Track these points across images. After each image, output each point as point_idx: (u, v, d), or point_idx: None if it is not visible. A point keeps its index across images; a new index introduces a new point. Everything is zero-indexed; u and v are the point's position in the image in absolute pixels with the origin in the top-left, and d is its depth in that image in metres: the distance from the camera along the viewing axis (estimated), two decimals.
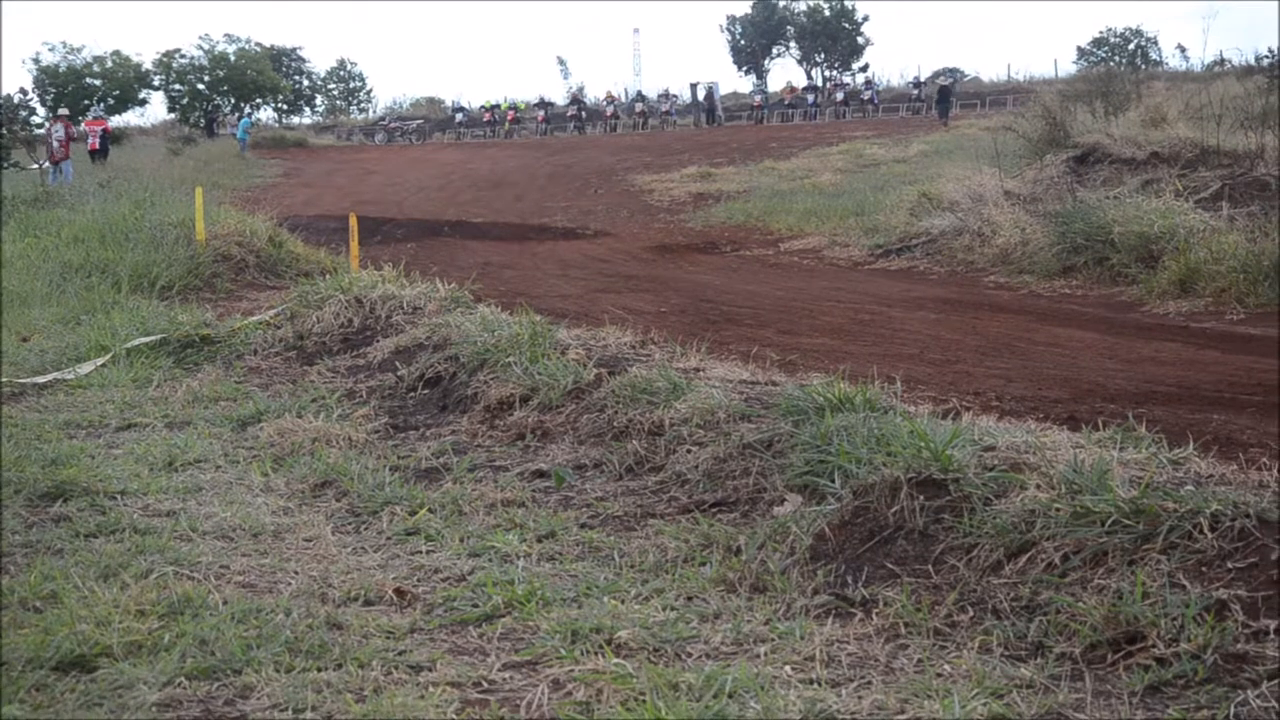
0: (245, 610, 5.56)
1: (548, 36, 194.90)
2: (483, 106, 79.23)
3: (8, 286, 16.08)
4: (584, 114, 75.86)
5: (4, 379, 11.13)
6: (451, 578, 6.12)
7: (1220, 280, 15.22)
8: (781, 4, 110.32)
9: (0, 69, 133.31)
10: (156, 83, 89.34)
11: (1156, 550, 5.10)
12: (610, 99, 77.59)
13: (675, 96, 79.45)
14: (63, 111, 41.05)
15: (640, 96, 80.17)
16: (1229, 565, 4.92)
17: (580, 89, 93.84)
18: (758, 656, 5.00)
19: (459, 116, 80.00)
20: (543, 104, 76.98)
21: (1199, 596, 4.76)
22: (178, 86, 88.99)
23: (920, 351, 12.08)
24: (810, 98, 74.40)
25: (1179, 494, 5.35)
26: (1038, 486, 5.71)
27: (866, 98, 76.21)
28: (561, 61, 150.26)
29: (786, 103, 74.73)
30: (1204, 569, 4.94)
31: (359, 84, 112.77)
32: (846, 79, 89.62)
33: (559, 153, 55.62)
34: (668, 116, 74.11)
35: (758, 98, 76.87)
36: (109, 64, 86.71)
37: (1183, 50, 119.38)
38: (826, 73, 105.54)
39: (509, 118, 74.86)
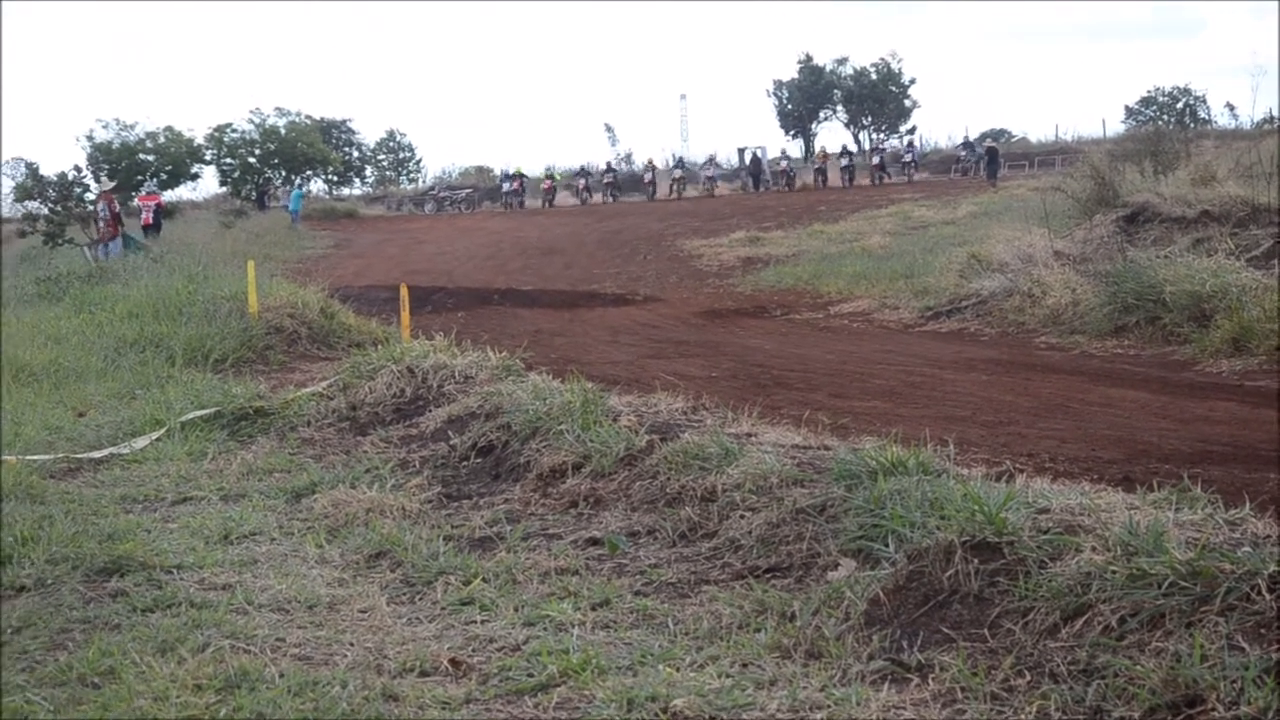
0: (302, 683, 5.58)
1: (596, 103, 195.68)
2: (507, 174, 78.30)
3: (64, 363, 16.21)
4: (619, 181, 74.81)
5: (62, 455, 11.21)
6: (506, 647, 6.12)
7: (1274, 338, 15.12)
8: (828, 68, 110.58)
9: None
10: (208, 157, 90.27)
11: (1214, 612, 5.07)
12: (649, 166, 76.15)
13: (718, 163, 78.41)
14: (107, 186, 41.10)
15: (680, 163, 78.00)
16: None
17: (624, 156, 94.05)
18: None
19: (506, 185, 79.80)
20: (583, 172, 76.47)
21: (1258, 659, 4.73)
22: (229, 160, 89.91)
23: (973, 413, 12.04)
24: (844, 161, 71.14)
25: (1236, 555, 5.32)
26: (1093, 549, 5.69)
27: (908, 160, 74.19)
28: (609, 128, 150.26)
29: (817, 168, 72.13)
30: (1263, 630, 4.91)
31: (408, 154, 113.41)
32: (892, 142, 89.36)
33: (607, 219, 55.78)
34: (711, 181, 72.46)
35: (783, 163, 74.10)
36: (161, 139, 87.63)
37: (1231, 108, 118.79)
38: (874, 135, 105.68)
39: (545, 187, 73.65)
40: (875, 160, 72.30)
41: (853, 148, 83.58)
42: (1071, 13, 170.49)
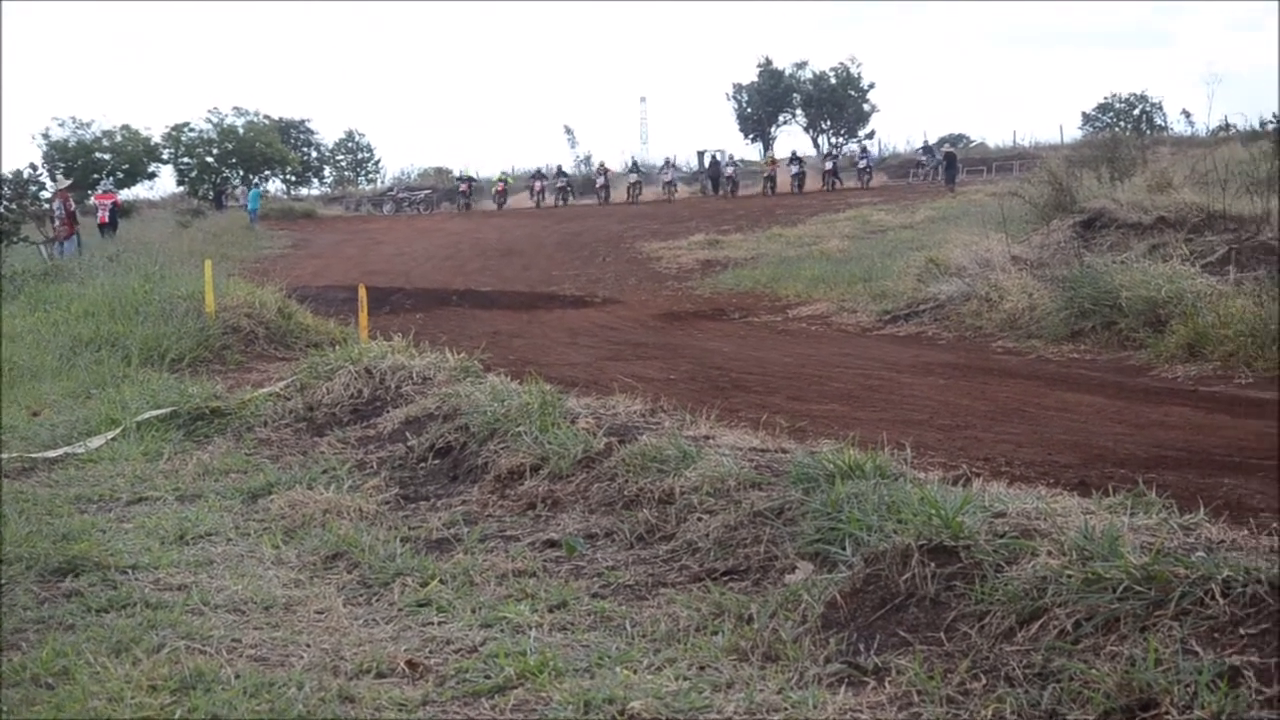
0: (258, 684, 5.57)
1: (556, 105, 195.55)
2: (458, 177, 77.45)
3: (18, 361, 16.12)
4: (571, 185, 73.54)
5: (16, 454, 11.15)
6: (463, 649, 6.12)
7: (1228, 344, 15.21)
8: (787, 72, 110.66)
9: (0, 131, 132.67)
10: (165, 156, 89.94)
11: (1169, 616, 5.10)
12: (601, 169, 74.68)
13: (675, 166, 75.88)
14: (63, 184, 40.86)
15: (636, 166, 75.71)
16: (1241, 631, 4.92)
17: (583, 158, 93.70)
18: None
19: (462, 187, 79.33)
20: (537, 175, 75.34)
21: (1212, 663, 4.75)
22: (187, 159, 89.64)
23: (929, 417, 12.08)
24: (795, 169, 68.70)
25: (1190, 560, 5.35)
26: (1049, 553, 5.71)
27: (863, 166, 71.04)
28: (569, 131, 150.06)
29: (766, 175, 69.49)
30: (1216, 635, 4.94)
31: (367, 154, 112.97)
32: (850, 146, 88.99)
33: (566, 221, 55.79)
34: (670, 186, 69.46)
35: (729, 169, 70.95)
36: (118, 138, 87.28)
37: (1188, 116, 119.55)
38: (832, 139, 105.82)
39: (498, 189, 72.73)
40: (828, 166, 69.77)
41: (811, 151, 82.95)
42: (1030, 19, 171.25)
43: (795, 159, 72.13)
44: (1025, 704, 4.99)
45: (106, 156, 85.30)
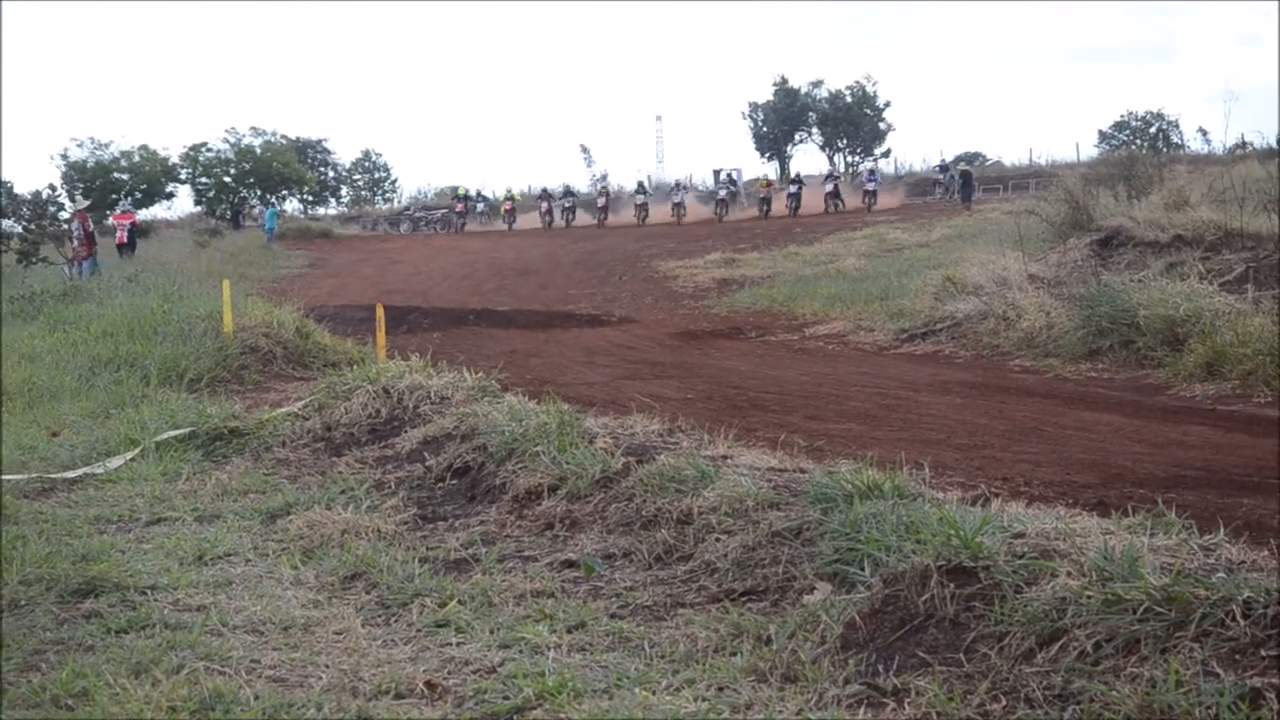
0: (276, 705, 5.57)
1: (573, 124, 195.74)
2: (454, 194, 76.35)
3: (38, 382, 16.16)
4: (577, 205, 71.02)
5: (35, 474, 11.17)
6: (482, 669, 6.11)
7: (1247, 363, 15.19)
8: (803, 91, 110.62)
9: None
10: (183, 176, 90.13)
11: (1189, 638, 5.08)
12: (603, 190, 72.92)
13: (686, 187, 73.21)
14: (81, 205, 41.04)
15: (642, 187, 72.90)
16: (1262, 653, 4.91)
17: (600, 177, 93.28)
18: None
19: (480, 206, 78.49)
20: (545, 194, 73.27)
21: (1233, 685, 4.74)
22: (204, 179, 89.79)
23: (947, 436, 12.07)
24: (793, 189, 65.86)
25: (1211, 581, 5.34)
26: (1068, 574, 5.70)
27: (870, 187, 66.90)
28: (585, 150, 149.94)
29: (761, 196, 66.71)
30: (1237, 656, 4.93)
31: (383, 174, 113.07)
32: (866, 164, 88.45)
33: (581, 240, 55.81)
34: (679, 208, 65.96)
35: (722, 192, 68.00)
36: (136, 158, 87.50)
37: (1204, 134, 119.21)
38: (849, 158, 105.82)
39: (507, 208, 70.85)
40: (828, 187, 66.64)
41: (828, 169, 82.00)
42: (1046, 36, 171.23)
43: (796, 180, 70.02)
44: None
45: (125, 177, 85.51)
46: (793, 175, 73.38)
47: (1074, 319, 18.99)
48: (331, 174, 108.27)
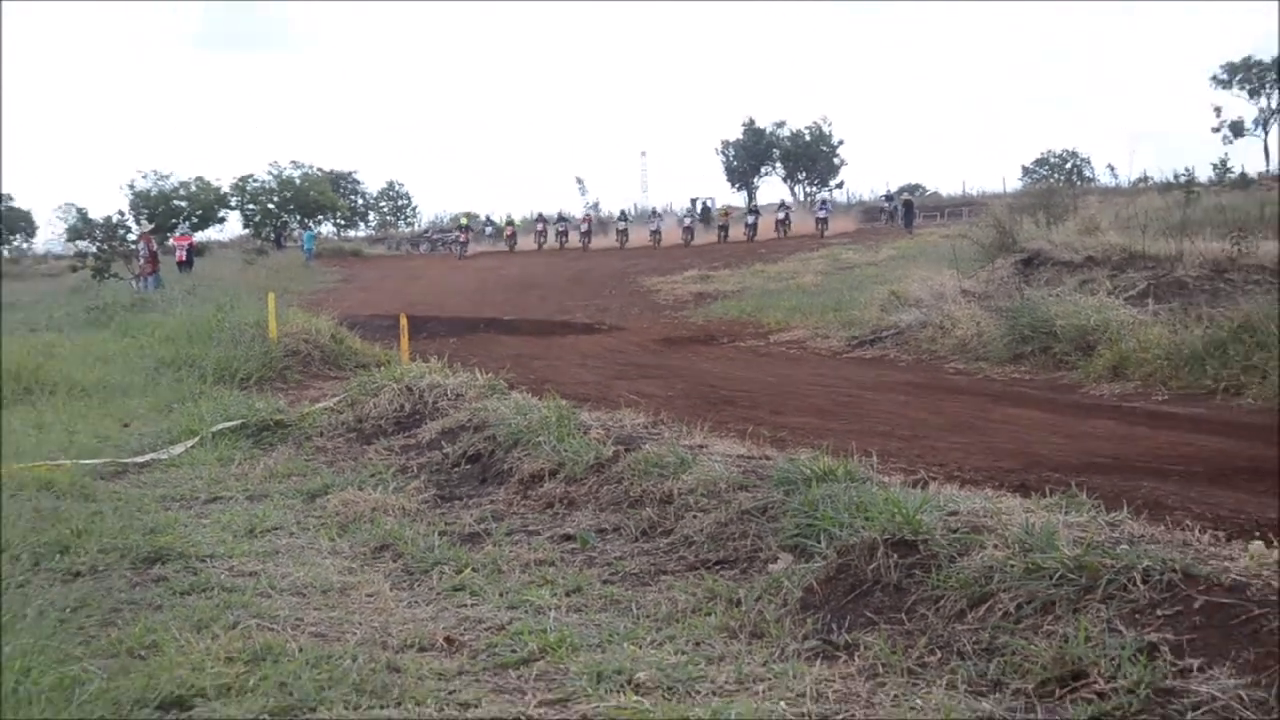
0: (317, 656, 5.59)
1: (569, 158, 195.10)
2: (456, 222, 74.82)
3: (111, 381, 16.14)
4: (567, 230, 68.05)
5: (109, 459, 11.16)
6: (493, 627, 6.13)
7: (1147, 366, 15.24)
8: (768, 130, 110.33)
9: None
10: (233, 203, 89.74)
11: (1097, 600, 5.12)
12: (587, 219, 70.76)
13: (661, 215, 72.65)
14: (146, 228, 41.02)
15: (623, 215, 71.99)
16: (1158, 613, 4.94)
17: (593, 204, 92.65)
18: (757, 694, 5.02)
19: (489, 229, 77.42)
20: (541, 219, 72.02)
21: (1133, 640, 4.78)
22: (251, 206, 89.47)
23: (892, 429, 12.08)
24: (750, 219, 63.57)
25: (1115, 552, 5.38)
26: (995, 546, 5.74)
27: (821, 215, 63.62)
28: (580, 181, 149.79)
29: (720, 224, 64.65)
30: (1137, 616, 4.97)
31: (405, 201, 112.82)
32: (821, 194, 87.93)
33: (577, 260, 55.59)
34: (656, 235, 63.81)
35: (687, 220, 66.63)
36: (193, 188, 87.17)
37: (1112, 169, 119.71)
38: (807, 188, 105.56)
39: (508, 233, 68.74)
40: (780, 215, 64.32)
41: (789, 198, 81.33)
42: (979, 83, 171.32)
43: (753, 210, 68.43)
44: (974, 675, 5.01)
45: (183, 204, 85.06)
46: (749, 206, 72.54)
47: (1000, 328, 19.01)
48: (360, 201, 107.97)
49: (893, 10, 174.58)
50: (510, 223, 73.07)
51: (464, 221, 72.58)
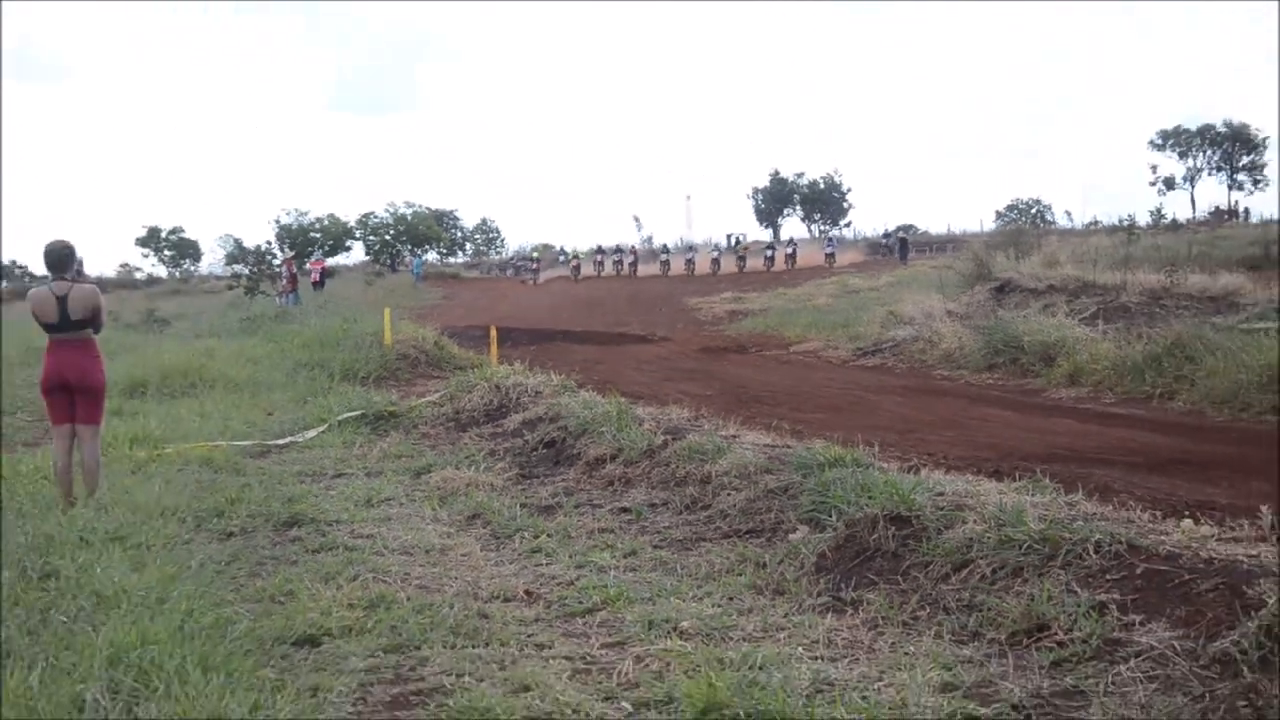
0: (421, 605, 5.62)
1: (628, 199, 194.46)
2: (528, 256, 73.02)
3: (259, 378, 16.25)
4: (623, 259, 66.50)
5: (256, 441, 11.24)
6: (563, 582, 6.15)
7: (1098, 375, 15.13)
8: (790, 179, 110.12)
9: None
10: (357, 235, 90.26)
11: (1058, 566, 5.10)
12: (633, 251, 69.37)
13: (695, 249, 71.59)
14: (288, 255, 41.43)
15: (665, 249, 70.69)
16: (1108, 577, 4.92)
17: (647, 239, 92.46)
18: (779, 640, 5.01)
19: (561, 258, 76.86)
20: (599, 251, 69.46)
21: (1087, 599, 4.77)
22: (372, 237, 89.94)
23: (889, 424, 12.02)
24: (769, 252, 62.47)
25: (1073, 527, 5.35)
26: (974, 521, 5.71)
27: (828, 251, 62.14)
28: (636, 219, 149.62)
29: (740, 255, 62.71)
30: (1091, 579, 4.94)
31: (495, 234, 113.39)
32: (834, 232, 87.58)
33: (629, 284, 55.56)
34: (690, 264, 62.33)
35: (715, 253, 64.78)
36: (325, 223, 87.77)
37: (1069, 214, 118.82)
38: (821, 227, 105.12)
39: (574, 264, 65.60)
40: (788, 249, 62.88)
41: (788, 237, 79.90)
42: (963, 139, 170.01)
43: (771, 245, 67.57)
44: (957, 626, 5.00)
45: (318, 235, 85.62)
46: (768, 242, 72.02)
47: (978, 342, 18.87)
48: (459, 234, 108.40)
49: (899, 80, 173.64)
50: (576, 255, 72.69)
51: (535, 255, 72.23)
